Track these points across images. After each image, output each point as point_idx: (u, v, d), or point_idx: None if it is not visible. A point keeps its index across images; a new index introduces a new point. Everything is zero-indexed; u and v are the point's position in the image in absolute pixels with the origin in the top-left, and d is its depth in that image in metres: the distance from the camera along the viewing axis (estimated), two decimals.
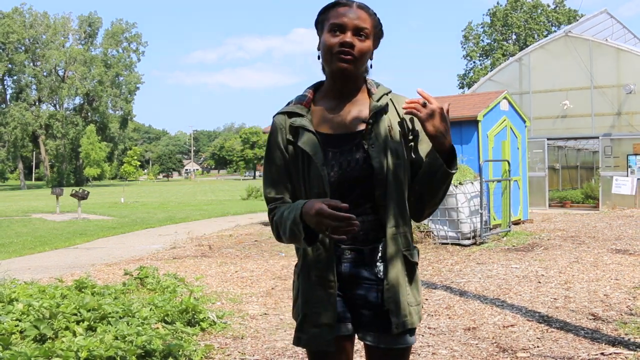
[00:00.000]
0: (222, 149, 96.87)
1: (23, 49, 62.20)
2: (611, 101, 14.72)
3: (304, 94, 1.75)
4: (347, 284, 1.66)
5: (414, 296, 1.68)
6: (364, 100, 1.71)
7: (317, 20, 1.71)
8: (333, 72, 1.66)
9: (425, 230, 8.90)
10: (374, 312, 1.65)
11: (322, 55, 1.67)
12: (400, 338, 1.65)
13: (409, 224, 1.70)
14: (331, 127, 1.68)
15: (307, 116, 1.68)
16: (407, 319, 1.64)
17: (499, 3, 49.13)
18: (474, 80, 45.23)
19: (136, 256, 8.58)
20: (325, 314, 1.63)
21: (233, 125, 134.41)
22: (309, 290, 1.66)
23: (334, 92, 1.71)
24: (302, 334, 1.67)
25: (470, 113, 10.00)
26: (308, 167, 1.64)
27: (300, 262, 1.72)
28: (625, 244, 8.06)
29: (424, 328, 4.29)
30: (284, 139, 1.69)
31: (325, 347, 1.64)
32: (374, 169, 1.62)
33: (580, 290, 5.37)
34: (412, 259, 1.68)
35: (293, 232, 1.55)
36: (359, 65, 1.64)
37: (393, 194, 1.63)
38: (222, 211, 17.73)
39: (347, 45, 1.60)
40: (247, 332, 4.29)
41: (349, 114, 1.68)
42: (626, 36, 18.74)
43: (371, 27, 1.66)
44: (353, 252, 1.66)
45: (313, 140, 1.64)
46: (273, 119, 1.75)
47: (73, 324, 3.68)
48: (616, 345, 3.71)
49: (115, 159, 70.82)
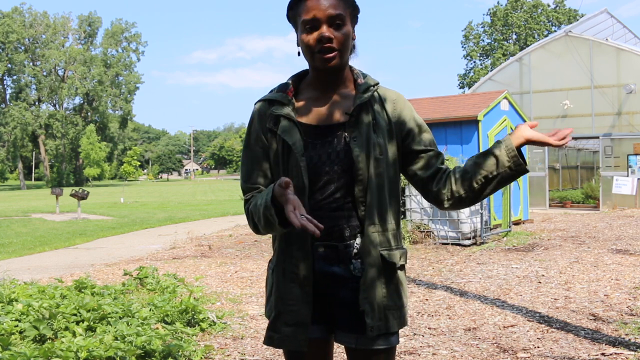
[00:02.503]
0: (222, 149, 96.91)
1: (23, 49, 62.23)
2: (611, 101, 14.72)
3: (287, 82, 1.67)
4: (320, 281, 1.59)
5: (393, 299, 1.59)
6: (349, 92, 1.64)
7: (287, 15, 1.62)
8: (319, 70, 1.59)
9: (425, 230, 8.90)
10: (349, 311, 1.58)
11: (303, 53, 1.59)
12: (378, 339, 1.57)
13: (391, 222, 1.61)
14: (313, 117, 1.61)
15: (289, 105, 1.61)
16: (382, 323, 1.56)
17: (500, 3, 49.16)
18: (474, 80, 45.25)
19: (136, 256, 8.57)
20: (300, 312, 1.57)
21: (233, 125, 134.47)
22: (283, 287, 1.60)
23: (318, 82, 1.63)
24: (275, 333, 1.61)
25: (470, 113, 10.00)
26: (287, 157, 1.57)
27: (275, 257, 1.65)
28: (625, 244, 8.06)
29: (424, 328, 4.28)
30: (264, 127, 1.62)
31: (299, 348, 1.57)
32: (354, 162, 1.55)
33: (581, 290, 5.36)
34: (390, 259, 1.59)
35: (266, 217, 1.48)
36: (343, 55, 1.56)
37: (373, 189, 1.56)
38: (222, 211, 17.72)
39: (326, 41, 1.52)
40: (247, 332, 4.28)
41: (333, 105, 1.62)
42: (626, 36, 18.75)
43: (344, 9, 1.55)
44: (327, 248, 1.58)
45: (294, 129, 1.57)
46: (254, 106, 1.68)
47: (73, 324, 3.68)
48: (617, 346, 3.70)
49: (115, 159, 70.90)
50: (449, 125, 10.29)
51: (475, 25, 50.65)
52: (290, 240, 1.59)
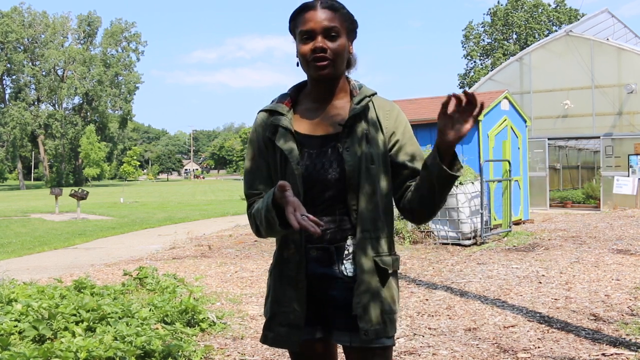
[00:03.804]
0: (221, 149, 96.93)
1: (22, 49, 62.22)
2: (612, 101, 14.71)
3: (286, 93, 1.76)
4: (314, 283, 1.66)
5: (387, 304, 1.64)
6: (345, 103, 1.71)
7: (289, 27, 1.71)
8: (313, 79, 1.68)
9: (425, 230, 8.89)
10: (342, 310, 1.64)
11: (300, 64, 1.68)
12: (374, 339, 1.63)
13: (383, 229, 1.66)
14: (310, 128, 1.69)
15: (288, 115, 1.69)
16: (380, 327, 1.61)
17: (500, 2, 49.17)
18: (474, 80, 45.26)
19: (135, 256, 8.56)
20: (294, 314, 1.64)
21: (233, 125, 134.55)
22: (279, 289, 1.68)
23: (315, 93, 1.71)
24: (269, 332, 1.69)
25: None
26: (285, 165, 1.66)
27: (274, 261, 1.74)
28: (626, 244, 8.05)
29: (424, 328, 4.27)
30: (264, 137, 1.71)
31: (292, 348, 1.66)
32: (346, 172, 1.62)
33: (581, 290, 5.35)
34: (382, 264, 1.64)
35: (268, 220, 1.55)
36: (337, 66, 1.64)
37: (365, 197, 1.63)
38: (222, 211, 17.72)
39: (319, 51, 1.60)
40: (246, 332, 4.27)
41: (328, 116, 1.69)
42: (627, 36, 18.74)
43: (340, 23, 1.63)
44: (319, 250, 1.65)
45: (291, 139, 1.66)
46: (256, 116, 1.77)
47: (72, 324, 3.67)
48: (617, 346, 3.70)
49: (114, 158, 70.91)
50: None
51: (475, 25, 50.67)
52: (286, 245, 1.67)
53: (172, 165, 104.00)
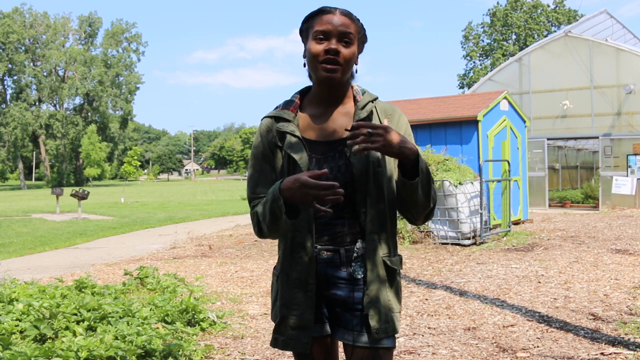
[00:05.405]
0: (222, 149, 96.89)
1: (23, 49, 62.23)
2: (611, 101, 14.73)
3: (291, 99, 1.78)
4: (323, 284, 1.69)
5: (395, 303, 1.70)
6: (349, 108, 1.74)
7: (301, 28, 1.73)
8: (319, 80, 1.68)
9: (425, 230, 8.90)
10: (350, 312, 1.67)
11: (308, 63, 1.69)
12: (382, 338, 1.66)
13: (390, 230, 1.71)
14: (316, 133, 1.72)
15: (294, 121, 1.72)
16: (389, 325, 1.66)
17: (499, 3, 49.15)
18: (474, 80, 45.24)
19: (136, 256, 8.58)
20: (303, 316, 1.66)
21: (233, 125, 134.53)
22: (288, 292, 1.69)
23: (320, 98, 1.73)
24: (280, 336, 1.71)
25: (470, 113, 10.00)
26: (293, 171, 1.67)
27: (280, 264, 1.75)
28: (625, 244, 8.07)
29: (424, 328, 4.29)
30: (270, 142, 1.73)
31: (303, 350, 1.67)
32: (354, 176, 1.65)
33: (580, 290, 5.37)
34: (391, 265, 1.69)
35: (273, 211, 1.56)
36: (345, 71, 1.66)
37: (373, 200, 1.66)
38: (222, 211, 17.73)
39: (332, 52, 1.62)
40: (247, 332, 4.30)
41: (334, 122, 1.72)
42: (626, 36, 18.75)
43: (355, 32, 1.67)
44: (329, 252, 1.68)
45: (299, 145, 1.68)
46: (261, 122, 1.79)
47: (73, 324, 3.69)
48: (616, 345, 3.72)
49: (115, 159, 70.87)
50: (448, 126, 10.30)
51: (475, 25, 50.66)
52: (295, 247, 1.68)
53: (173, 166, 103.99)
